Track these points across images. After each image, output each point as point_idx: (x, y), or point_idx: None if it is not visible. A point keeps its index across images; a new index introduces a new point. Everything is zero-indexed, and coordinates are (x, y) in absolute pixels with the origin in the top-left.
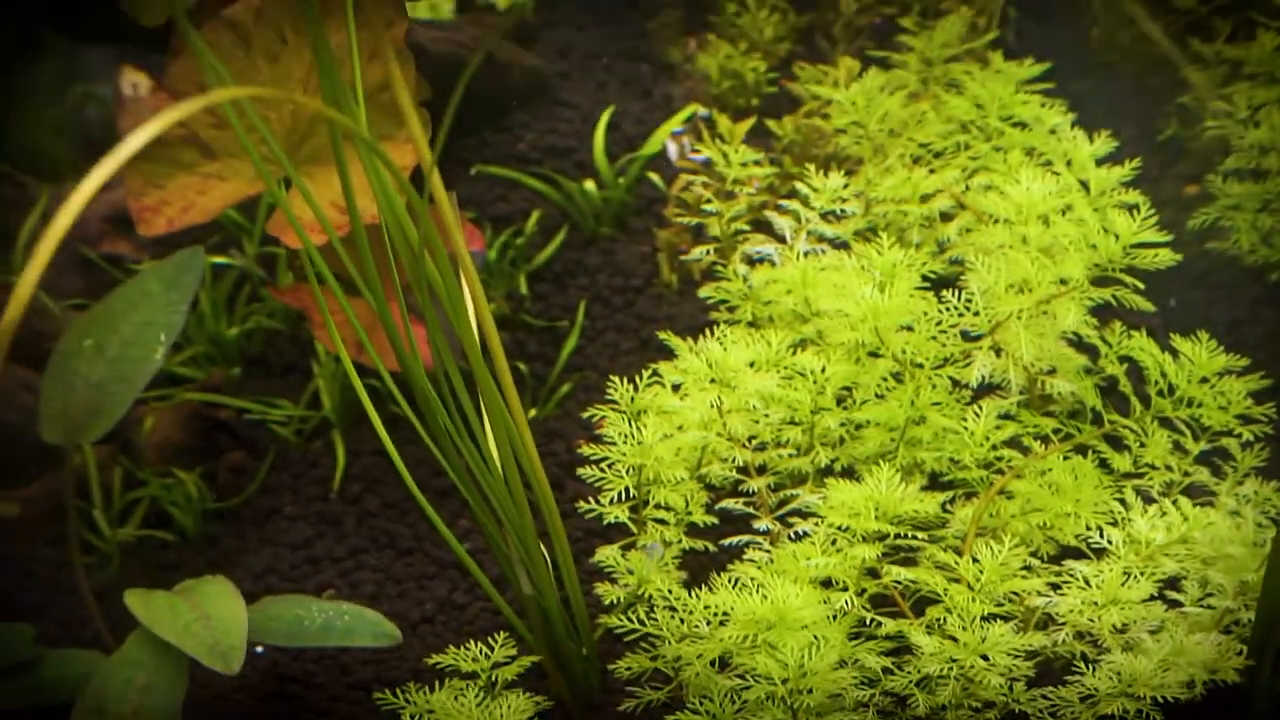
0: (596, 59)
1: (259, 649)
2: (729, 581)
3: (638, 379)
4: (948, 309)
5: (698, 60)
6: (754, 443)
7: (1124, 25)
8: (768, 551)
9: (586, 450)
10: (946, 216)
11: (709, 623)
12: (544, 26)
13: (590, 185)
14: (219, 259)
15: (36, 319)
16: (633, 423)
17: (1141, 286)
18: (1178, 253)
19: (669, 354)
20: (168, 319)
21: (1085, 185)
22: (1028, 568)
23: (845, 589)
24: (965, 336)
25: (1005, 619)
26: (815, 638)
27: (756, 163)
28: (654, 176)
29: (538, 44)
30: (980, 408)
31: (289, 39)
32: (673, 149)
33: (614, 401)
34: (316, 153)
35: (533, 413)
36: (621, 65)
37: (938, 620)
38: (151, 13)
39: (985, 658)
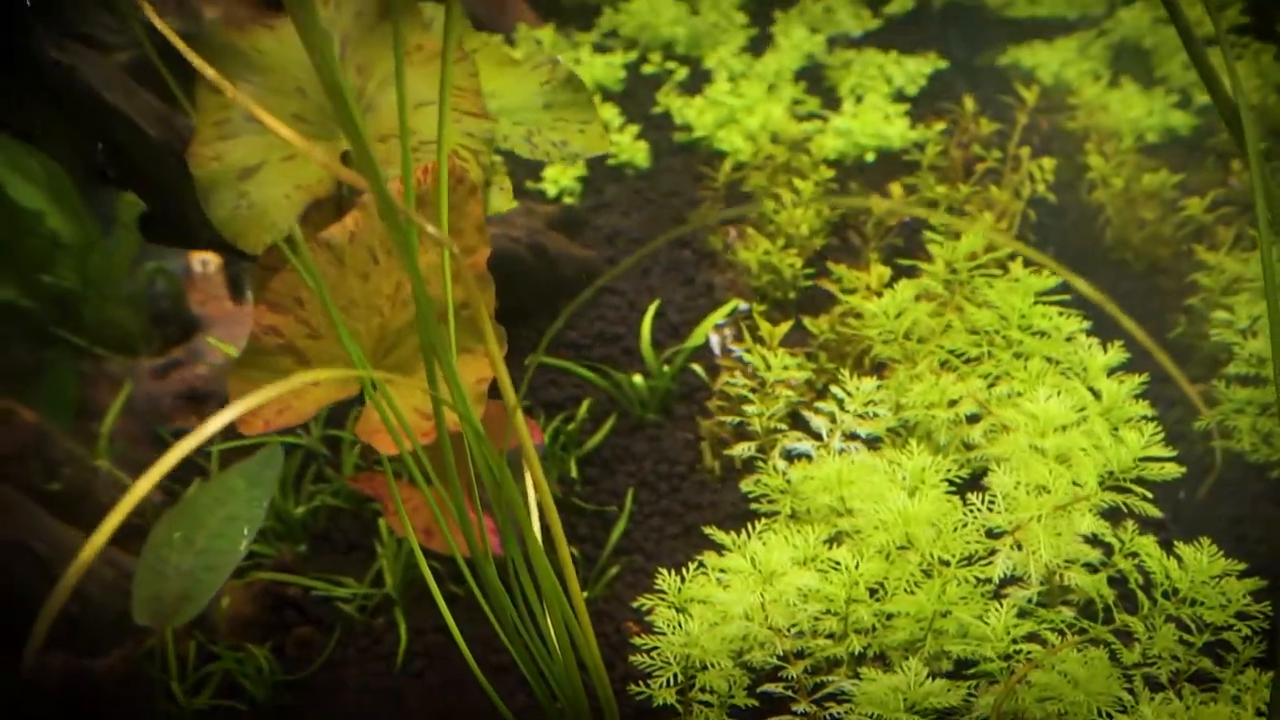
0: (641, 245)
1: None
2: None
3: (684, 570)
4: (972, 511)
5: (738, 252)
6: (793, 630)
7: (1135, 227)
8: None
9: (637, 641)
10: (973, 418)
11: None
12: (590, 211)
13: (638, 378)
14: (285, 439)
15: (116, 493)
16: (681, 612)
17: (1150, 496)
18: (1186, 448)
19: (713, 540)
20: (250, 513)
21: (1098, 394)
22: None
23: None
24: (989, 532)
25: None
26: None
27: (799, 365)
28: (697, 367)
29: (586, 229)
30: (1001, 603)
31: (380, 259)
32: (715, 340)
33: (662, 591)
34: (402, 362)
35: (584, 594)
36: (665, 252)
37: None
38: (252, 240)
39: None
